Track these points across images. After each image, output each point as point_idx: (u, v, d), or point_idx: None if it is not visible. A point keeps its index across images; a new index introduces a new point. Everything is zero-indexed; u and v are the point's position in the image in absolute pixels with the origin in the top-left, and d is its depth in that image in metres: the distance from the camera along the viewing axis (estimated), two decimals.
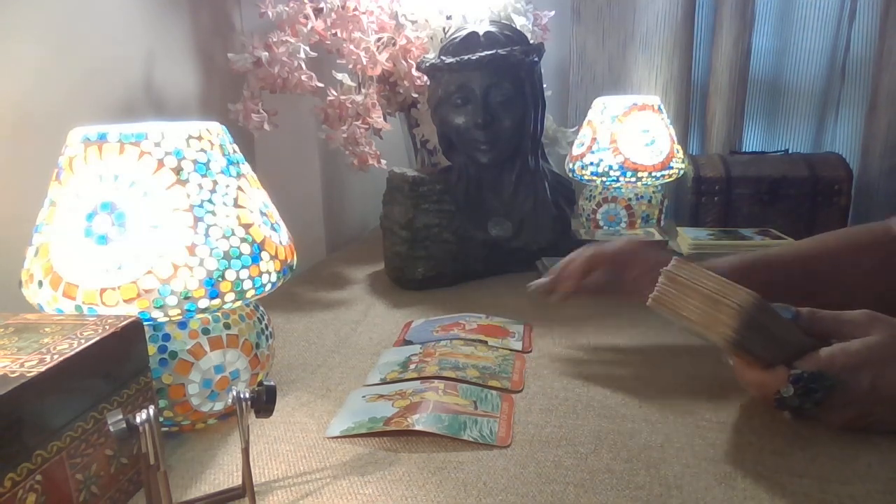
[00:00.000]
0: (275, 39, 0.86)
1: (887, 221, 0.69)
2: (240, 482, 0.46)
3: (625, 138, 1.16)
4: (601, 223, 1.23)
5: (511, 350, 0.71)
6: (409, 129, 1.12)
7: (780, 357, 0.51)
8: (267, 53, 0.85)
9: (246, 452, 0.43)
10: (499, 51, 0.89)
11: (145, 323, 0.48)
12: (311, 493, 0.46)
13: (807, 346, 0.51)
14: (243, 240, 0.51)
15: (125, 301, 0.47)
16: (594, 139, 1.19)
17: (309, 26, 0.88)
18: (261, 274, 0.52)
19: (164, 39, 0.86)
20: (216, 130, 0.54)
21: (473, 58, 0.89)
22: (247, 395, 0.43)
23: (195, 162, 0.50)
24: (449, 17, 1.02)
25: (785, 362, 0.51)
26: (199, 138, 0.51)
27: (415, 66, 0.95)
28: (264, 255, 0.53)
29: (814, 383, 0.49)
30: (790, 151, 1.39)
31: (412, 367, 0.65)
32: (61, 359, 0.39)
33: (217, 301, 0.50)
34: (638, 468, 0.48)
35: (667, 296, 0.53)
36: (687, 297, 0.52)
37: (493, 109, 0.91)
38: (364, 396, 0.60)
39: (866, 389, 0.49)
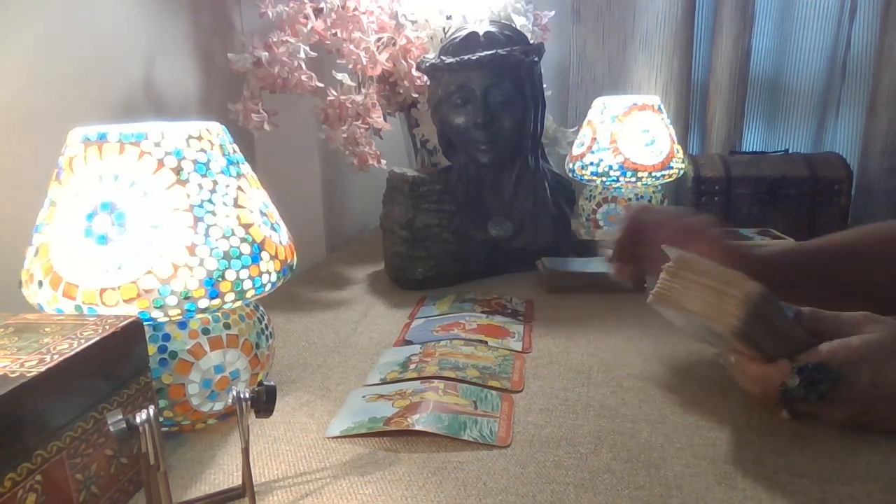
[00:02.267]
0: (275, 39, 0.86)
1: None
2: (240, 482, 0.46)
3: (625, 138, 1.16)
4: (601, 223, 1.23)
5: (511, 350, 0.71)
6: (409, 129, 1.12)
7: (783, 351, 0.51)
8: (267, 53, 0.85)
9: (246, 452, 0.43)
10: (499, 51, 0.89)
11: (145, 323, 0.48)
12: (311, 493, 0.46)
13: (808, 342, 0.51)
14: (243, 240, 0.51)
15: (125, 301, 0.47)
16: (594, 139, 1.19)
17: (309, 26, 0.88)
18: (261, 274, 0.52)
19: (164, 39, 0.86)
20: (216, 130, 0.54)
21: (473, 58, 0.89)
22: (247, 395, 0.43)
23: (195, 162, 0.50)
24: (449, 17, 1.02)
25: (787, 356, 0.51)
26: (199, 138, 0.51)
27: (415, 66, 0.94)
28: (264, 255, 0.53)
29: (819, 374, 0.49)
30: (790, 151, 1.39)
31: (412, 367, 0.65)
32: (61, 359, 0.39)
33: (217, 301, 0.50)
34: (638, 468, 0.48)
35: (669, 291, 0.53)
36: (690, 290, 0.52)
37: (493, 109, 0.91)
38: (364, 396, 0.60)
39: (866, 385, 0.49)
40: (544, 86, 0.99)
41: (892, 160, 1.33)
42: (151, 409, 0.38)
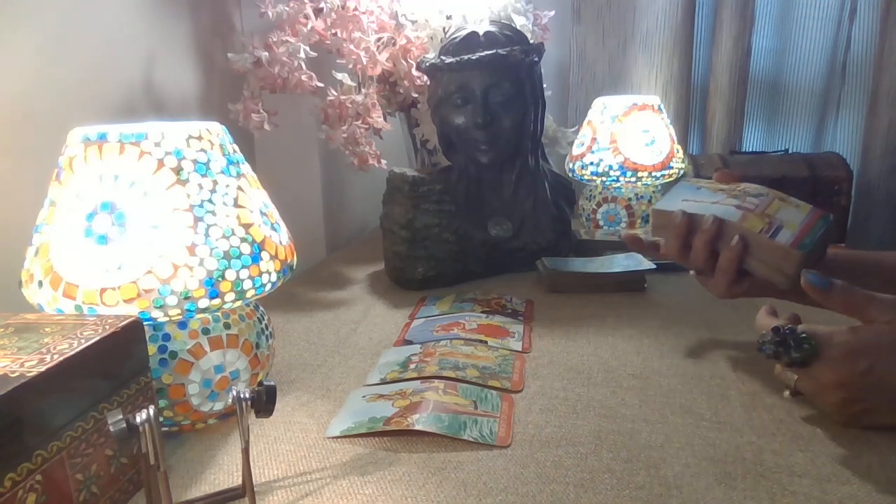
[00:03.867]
0: (275, 39, 0.86)
1: None
2: (240, 482, 0.46)
3: (625, 138, 1.16)
4: (601, 223, 1.23)
5: (511, 350, 0.71)
6: (409, 129, 1.12)
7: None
8: (267, 53, 0.85)
9: (246, 452, 0.43)
10: (499, 51, 0.89)
11: (145, 323, 0.48)
12: (311, 493, 0.46)
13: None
14: (243, 240, 0.51)
15: (125, 301, 0.47)
16: (594, 139, 1.19)
17: (309, 26, 0.88)
18: (261, 274, 0.52)
19: (164, 39, 0.86)
20: (216, 130, 0.54)
21: (473, 58, 0.89)
22: (247, 395, 0.43)
23: (195, 162, 0.50)
24: (449, 17, 1.02)
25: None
26: (199, 138, 0.51)
27: (415, 66, 0.95)
28: (264, 255, 0.53)
29: (792, 340, 0.51)
30: (790, 151, 1.39)
31: (412, 366, 0.65)
32: (61, 359, 0.39)
33: (217, 301, 0.50)
34: (638, 468, 0.48)
35: None
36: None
37: (493, 109, 0.91)
38: (364, 396, 0.60)
39: (862, 371, 0.49)
40: (544, 86, 0.99)
41: (892, 160, 1.33)
42: (151, 409, 0.38)
